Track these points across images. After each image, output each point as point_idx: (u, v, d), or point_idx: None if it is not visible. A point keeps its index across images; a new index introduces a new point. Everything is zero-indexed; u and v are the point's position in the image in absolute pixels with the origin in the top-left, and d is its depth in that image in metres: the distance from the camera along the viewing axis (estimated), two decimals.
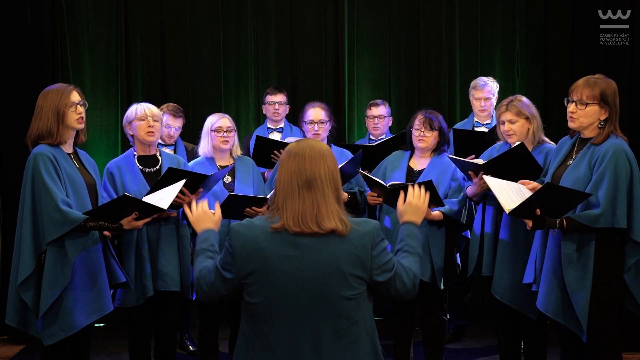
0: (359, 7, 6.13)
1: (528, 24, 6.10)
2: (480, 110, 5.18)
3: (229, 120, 4.33)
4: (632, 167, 3.28)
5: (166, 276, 3.94)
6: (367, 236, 2.32)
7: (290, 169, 2.33)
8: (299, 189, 2.31)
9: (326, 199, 2.31)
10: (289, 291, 2.28)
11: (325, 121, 4.50)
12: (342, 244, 2.30)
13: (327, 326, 2.29)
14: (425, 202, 2.58)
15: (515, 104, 3.92)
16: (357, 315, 2.32)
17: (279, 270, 2.28)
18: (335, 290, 2.28)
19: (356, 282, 2.30)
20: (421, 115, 4.23)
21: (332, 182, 2.34)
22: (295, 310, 2.28)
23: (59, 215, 3.33)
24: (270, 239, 2.30)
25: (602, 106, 3.32)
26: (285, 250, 2.29)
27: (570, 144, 3.50)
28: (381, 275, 2.33)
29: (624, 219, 3.24)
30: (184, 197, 3.84)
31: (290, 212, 2.30)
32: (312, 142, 2.38)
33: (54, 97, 3.44)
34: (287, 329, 2.29)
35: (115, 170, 4.01)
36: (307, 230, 2.29)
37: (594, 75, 3.40)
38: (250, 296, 2.32)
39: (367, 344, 2.35)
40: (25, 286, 3.38)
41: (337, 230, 2.30)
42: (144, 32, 6.02)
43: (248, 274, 2.31)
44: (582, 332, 3.30)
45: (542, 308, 3.45)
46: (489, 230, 3.99)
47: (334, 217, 2.31)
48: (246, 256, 2.30)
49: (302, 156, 2.33)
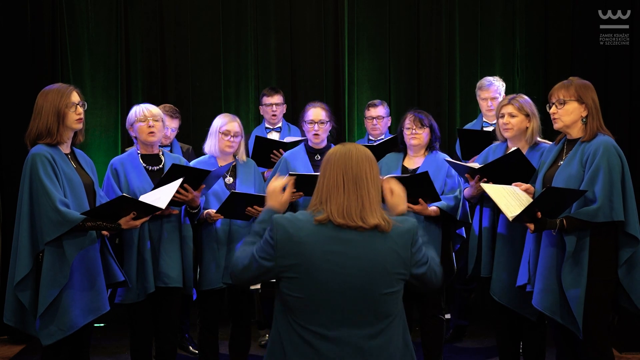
0: (359, 7, 6.13)
1: (528, 24, 6.10)
2: (487, 110, 5.18)
3: (239, 125, 4.30)
4: (623, 162, 3.36)
5: (167, 275, 3.95)
6: (408, 234, 2.39)
7: (337, 165, 2.39)
8: (344, 184, 2.37)
9: (370, 198, 2.37)
10: (333, 287, 2.31)
11: (325, 121, 4.50)
12: (385, 241, 2.35)
13: (367, 321, 2.33)
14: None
15: (518, 99, 3.98)
16: (396, 311, 2.39)
17: (322, 264, 2.31)
18: (378, 286, 2.33)
19: (397, 279, 2.36)
20: (411, 115, 4.29)
21: (376, 183, 2.41)
22: (337, 304, 2.31)
23: (57, 215, 3.33)
24: (314, 232, 2.33)
25: (580, 103, 3.42)
26: (328, 245, 2.32)
27: (559, 147, 3.56)
28: (419, 269, 2.41)
29: (621, 212, 3.28)
30: (186, 193, 3.85)
31: (335, 206, 2.35)
32: (357, 146, 2.47)
33: (54, 97, 3.44)
34: (328, 323, 2.31)
35: (120, 166, 4.03)
36: (351, 223, 2.33)
37: (569, 78, 3.55)
38: (290, 290, 2.34)
39: (400, 338, 2.41)
40: (22, 286, 3.38)
41: (380, 226, 2.34)
42: (144, 32, 6.03)
43: (289, 266, 2.33)
44: (578, 330, 3.32)
45: (538, 306, 3.46)
46: (487, 232, 4.00)
47: (378, 214, 2.36)
48: (288, 249, 2.33)
49: (349, 156, 2.40)
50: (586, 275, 3.29)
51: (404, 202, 2.56)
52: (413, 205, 4.01)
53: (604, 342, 3.37)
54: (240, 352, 4.37)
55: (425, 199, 4.02)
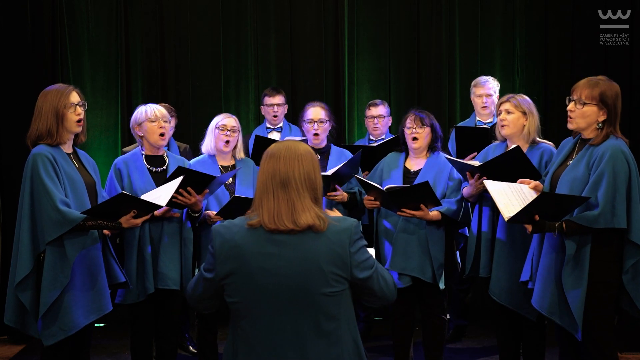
0: (359, 7, 6.13)
1: (528, 24, 6.10)
2: (482, 107, 5.18)
3: (235, 120, 4.34)
4: (631, 168, 3.28)
5: (166, 277, 3.95)
6: (345, 232, 2.31)
7: (266, 169, 2.36)
8: (273, 189, 2.32)
9: (301, 198, 2.31)
10: (268, 288, 2.27)
11: (324, 120, 4.50)
12: (320, 240, 2.29)
13: (309, 323, 2.27)
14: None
15: (516, 97, 3.99)
16: (339, 313, 2.30)
17: (257, 267, 2.28)
18: (315, 286, 2.27)
19: (335, 279, 2.28)
20: (412, 114, 4.26)
21: (307, 182, 2.33)
22: (275, 307, 2.28)
23: (58, 215, 3.33)
24: (247, 235, 2.31)
25: (600, 107, 3.33)
26: (262, 247, 2.29)
27: (572, 144, 3.50)
28: (362, 272, 2.32)
29: (623, 219, 3.23)
30: (189, 196, 3.85)
31: (266, 211, 2.31)
32: (289, 144, 2.39)
33: (53, 98, 3.44)
34: (268, 326, 2.28)
35: (123, 166, 4.03)
36: (282, 227, 2.28)
37: (598, 77, 3.40)
38: (230, 296, 2.33)
39: (350, 342, 2.33)
40: (23, 287, 3.37)
41: (314, 226, 2.28)
42: (144, 32, 6.03)
43: (227, 274, 2.31)
44: (576, 331, 3.30)
45: (537, 306, 3.45)
46: (486, 232, 3.99)
47: (310, 214, 2.30)
48: (225, 255, 2.31)
49: (277, 157, 2.35)
50: (587, 277, 3.26)
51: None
52: (414, 211, 4.01)
53: (608, 344, 3.34)
54: None
55: (426, 205, 4.00)
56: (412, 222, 4.11)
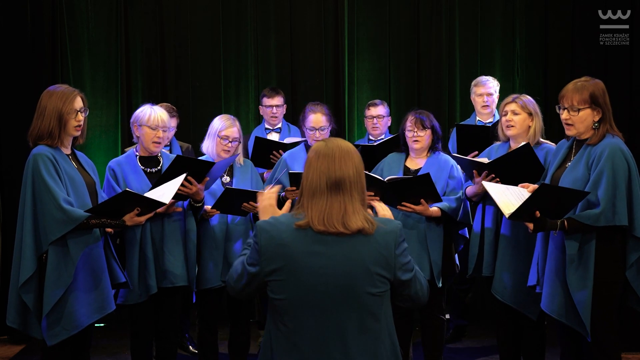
0: (359, 7, 6.13)
1: (528, 24, 6.10)
2: (482, 106, 5.18)
3: (238, 130, 4.28)
4: (630, 164, 3.30)
5: (173, 274, 3.95)
6: (391, 235, 2.34)
7: (319, 168, 2.33)
8: (327, 189, 2.31)
9: (353, 201, 2.32)
10: (315, 287, 2.29)
11: (326, 127, 4.49)
12: (368, 242, 2.31)
13: (352, 321, 2.30)
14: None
15: (522, 98, 4.00)
16: (380, 312, 2.35)
17: (305, 266, 2.29)
18: (361, 286, 2.30)
19: (380, 280, 2.32)
20: (412, 116, 4.25)
21: (359, 183, 2.35)
22: (321, 305, 2.30)
23: (62, 213, 3.33)
24: (295, 235, 2.31)
25: (593, 108, 3.35)
26: (310, 247, 2.30)
27: (568, 146, 3.52)
28: (404, 274, 2.35)
29: (625, 216, 3.24)
30: (190, 186, 3.86)
31: (315, 212, 2.31)
32: (340, 143, 2.39)
33: (57, 101, 3.42)
34: (313, 324, 2.30)
35: (117, 168, 4.03)
36: (332, 229, 2.29)
37: (581, 79, 3.43)
38: (275, 292, 2.33)
39: (388, 342, 2.37)
40: (27, 288, 3.37)
41: (363, 230, 2.31)
42: (144, 32, 6.03)
43: (273, 270, 2.32)
44: (586, 332, 3.29)
45: (547, 309, 3.44)
46: (489, 231, 3.99)
47: (360, 217, 2.32)
48: (272, 253, 2.31)
49: (331, 157, 2.33)
50: (592, 277, 3.26)
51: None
52: (414, 205, 4.01)
53: (613, 344, 3.34)
54: (240, 352, 4.37)
55: (426, 200, 4.01)
56: (411, 217, 4.12)
